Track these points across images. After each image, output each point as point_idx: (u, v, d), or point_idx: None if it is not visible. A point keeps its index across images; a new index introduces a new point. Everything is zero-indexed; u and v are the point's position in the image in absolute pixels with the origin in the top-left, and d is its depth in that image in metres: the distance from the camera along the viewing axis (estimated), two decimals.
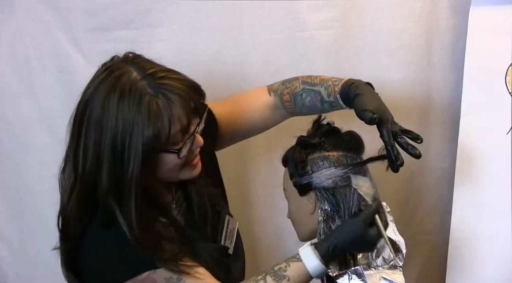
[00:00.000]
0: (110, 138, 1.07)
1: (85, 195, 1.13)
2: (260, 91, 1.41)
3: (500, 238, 1.60)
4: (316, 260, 1.11)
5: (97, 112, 1.08)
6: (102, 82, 1.10)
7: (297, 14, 1.63)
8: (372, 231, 1.11)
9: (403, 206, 1.83)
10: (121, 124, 1.06)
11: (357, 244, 1.13)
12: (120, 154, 1.07)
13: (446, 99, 1.76)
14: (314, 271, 1.11)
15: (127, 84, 1.08)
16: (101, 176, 1.09)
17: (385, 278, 1.19)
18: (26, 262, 1.75)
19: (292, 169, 1.27)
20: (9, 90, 1.62)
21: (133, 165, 1.07)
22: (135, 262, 1.11)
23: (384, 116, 1.14)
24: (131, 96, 1.07)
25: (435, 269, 1.83)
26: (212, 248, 1.24)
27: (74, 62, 1.60)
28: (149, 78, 1.09)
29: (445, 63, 1.72)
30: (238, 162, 1.74)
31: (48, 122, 1.65)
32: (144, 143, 1.07)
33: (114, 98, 1.07)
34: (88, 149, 1.10)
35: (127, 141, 1.07)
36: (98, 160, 1.09)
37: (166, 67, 1.14)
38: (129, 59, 1.13)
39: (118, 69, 1.10)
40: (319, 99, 1.29)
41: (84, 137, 1.10)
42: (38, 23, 1.57)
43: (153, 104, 1.07)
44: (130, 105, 1.06)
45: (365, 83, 1.23)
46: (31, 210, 1.70)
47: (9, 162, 1.67)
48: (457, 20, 1.68)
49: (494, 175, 1.60)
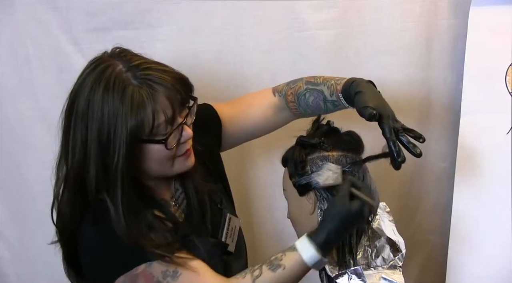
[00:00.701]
0: (96, 130, 1.09)
1: (75, 188, 1.14)
2: (265, 92, 1.42)
3: (500, 238, 1.59)
4: (311, 248, 1.11)
5: (83, 104, 1.10)
6: (88, 76, 1.12)
7: (297, 14, 1.63)
8: (355, 202, 1.10)
9: (403, 206, 1.83)
10: (106, 115, 1.08)
11: (347, 222, 1.11)
12: (105, 145, 1.09)
13: (446, 99, 1.76)
14: (310, 260, 1.11)
15: (111, 76, 1.09)
16: (89, 168, 1.11)
17: (385, 278, 1.19)
18: (26, 262, 1.75)
19: (291, 169, 1.27)
20: (9, 90, 1.62)
21: (118, 156, 1.08)
22: (129, 255, 1.11)
23: (385, 112, 1.13)
24: (115, 87, 1.08)
25: (435, 269, 1.83)
26: (210, 243, 1.24)
27: (74, 62, 1.60)
28: (133, 70, 1.10)
29: (445, 63, 1.72)
30: (238, 162, 1.74)
31: (48, 122, 1.65)
32: (128, 133, 1.08)
33: (99, 90, 1.09)
34: (76, 142, 1.11)
35: (112, 133, 1.08)
36: (85, 152, 1.10)
37: (152, 60, 1.15)
38: (115, 53, 1.15)
39: (104, 62, 1.12)
40: (322, 98, 1.30)
41: (72, 129, 1.12)
42: (38, 23, 1.57)
43: (136, 94, 1.08)
44: (114, 96, 1.08)
45: (367, 81, 1.23)
46: (31, 210, 1.71)
47: (9, 162, 1.67)
48: (457, 20, 1.68)
49: (494, 175, 1.59)
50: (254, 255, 1.74)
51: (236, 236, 1.34)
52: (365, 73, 1.68)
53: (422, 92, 1.74)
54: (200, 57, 1.63)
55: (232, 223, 1.33)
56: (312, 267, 1.13)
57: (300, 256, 1.12)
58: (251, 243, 1.78)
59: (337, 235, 1.12)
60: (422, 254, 1.88)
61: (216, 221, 1.31)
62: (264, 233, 1.84)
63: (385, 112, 1.13)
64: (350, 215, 1.11)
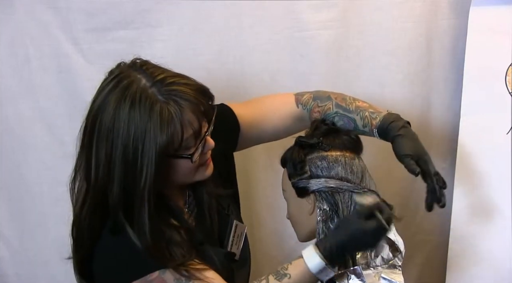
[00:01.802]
0: (121, 148, 1.07)
1: (97, 205, 1.13)
2: (287, 100, 1.40)
3: (500, 238, 1.59)
4: (317, 257, 1.10)
5: (107, 122, 1.08)
6: (111, 92, 1.10)
7: (297, 14, 1.63)
8: (371, 222, 1.09)
9: (403, 206, 1.83)
10: (133, 132, 1.07)
11: (358, 239, 1.10)
12: (132, 162, 1.08)
13: (446, 99, 1.75)
14: (314, 268, 1.10)
15: (137, 92, 1.08)
16: (113, 186, 1.10)
17: (384, 278, 1.19)
18: (26, 262, 1.75)
19: (290, 169, 1.27)
20: (9, 90, 1.62)
21: (147, 173, 1.07)
22: (144, 262, 1.11)
23: (425, 158, 1.19)
24: (141, 104, 1.07)
25: (435, 269, 1.83)
26: (222, 253, 1.24)
27: (74, 62, 1.60)
28: (158, 85, 1.09)
29: (445, 63, 1.72)
30: (238, 162, 1.73)
31: (48, 122, 1.65)
32: (158, 150, 1.07)
33: (125, 107, 1.07)
34: (100, 159, 1.09)
35: (140, 149, 1.07)
36: (109, 170, 1.09)
37: (174, 72, 1.14)
38: (137, 65, 1.13)
39: (126, 78, 1.10)
40: (353, 126, 1.31)
41: (95, 147, 1.10)
42: (38, 23, 1.58)
43: (164, 111, 1.07)
44: (141, 113, 1.07)
45: (405, 123, 1.25)
46: (31, 210, 1.71)
47: (9, 162, 1.67)
48: (457, 20, 1.68)
49: (494, 175, 1.59)
50: (255, 255, 1.73)
51: (242, 243, 1.34)
52: (365, 73, 1.70)
53: (422, 92, 1.74)
54: (200, 57, 1.63)
55: (238, 230, 1.33)
56: (317, 276, 1.12)
57: (305, 263, 1.11)
58: (251, 243, 1.77)
59: (343, 248, 1.11)
60: (422, 254, 1.88)
61: (223, 228, 1.30)
62: (264, 233, 1.84)
63: (425, 158, 1.19)
64: (362, 233, 1.10)
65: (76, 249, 1.19)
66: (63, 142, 1.66)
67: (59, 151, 1.67)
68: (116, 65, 1.15)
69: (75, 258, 1.19)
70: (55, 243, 1.68)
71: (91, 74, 1.59)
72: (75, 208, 1.17)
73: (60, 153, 1.66)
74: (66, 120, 1.65)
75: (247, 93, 1.65)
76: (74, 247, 1.19)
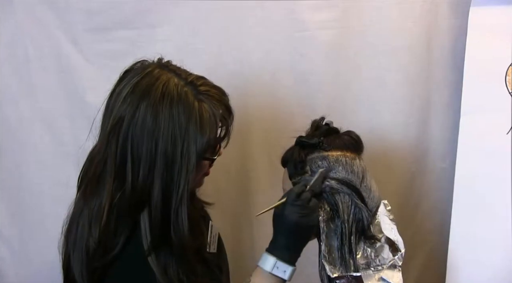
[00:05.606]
0: (164, 144, 1.07)
1: (131, 207, 1.10)
2: None
3: (500, 238, 1.59)
4: (266, 256, 1.13)
5: (147, 119, 1.07)
6: (147, 89, 1.08)
7: (297, 14, 1.63)
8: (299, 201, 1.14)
9: (403, 206, 1.83)
10: (173, 131, 1.06)
11: (283, 224, 1.13)
12: (172, 160, 1.07)
13: (446, 99, 1.75)
14: (269, 267, 1.12)
15: (174, 90, 1.08)
16: (153, 186, 1.08)
17: (384, 279, 1.19)
18: (26, 262, 1.75)
19: (291, 169, 1.27)
20: (9, 90, 1.62)
21: (187, 172, 1.08)
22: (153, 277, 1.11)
23: None
24: (180, 103, 1.07)
25: (435, 269, 1.83)
26: (226, 264, 1.29)
27: (74, 62, 1.60)
28: (191, 85, 1.10)
29: (445, 63, 1.72)
30: (238, 162, 1.74)
31: (48, 122, 1.65)
32: (198, 149, 1.07)
33: (165, 105, 1.07)
34: (141, 161, 1.07)
35: (179, 148, 1.07)
36: (150, 168, 1.08)
37: (195, 74, 1.15)
38: (164, 64, 1.14)
39: (160, 75, 1.10)
40: None
41: (136, 144, 1.08)
42: (38, 23, 1.58)
43: (203, 111, 1.08)
44: (180, 112, 1.07)
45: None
46: (31, 210, 1.71)
47: (9, 162, 1.67)
48: (457, 20, 1.67)
49: (494, 175, 1.59)
50: (254, 255, 1.74)
51: (216, 244, 1.33)
52: (365, 73, 1.70)
53: (422, 92, 1.74)
54: (200, 57, 1.63)
55: (214, 230, 1.33)
56: (276, 273, 1.12)
57: (260, 267, 1.14)
58: (251, 243, 1.79)
59: (287, 237, 1.13)
60: (422, 254, 1.88)
61: (204, 230, 1.31)
62: (264, 234, 1.83)
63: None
64: (283, 220, 1.14)
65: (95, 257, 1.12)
66: (63, 142, 1.66)
67: (59, 151, 1.67)
68: (138, 61, 1.16)
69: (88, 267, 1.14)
70: (55, 243, 1.67)
71: (91, 74, 1.59)
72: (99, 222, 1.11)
73: (60, 153, 1.66)
74: (66, 120, 1.65)
75: (247, 93, 1.65)
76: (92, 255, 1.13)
